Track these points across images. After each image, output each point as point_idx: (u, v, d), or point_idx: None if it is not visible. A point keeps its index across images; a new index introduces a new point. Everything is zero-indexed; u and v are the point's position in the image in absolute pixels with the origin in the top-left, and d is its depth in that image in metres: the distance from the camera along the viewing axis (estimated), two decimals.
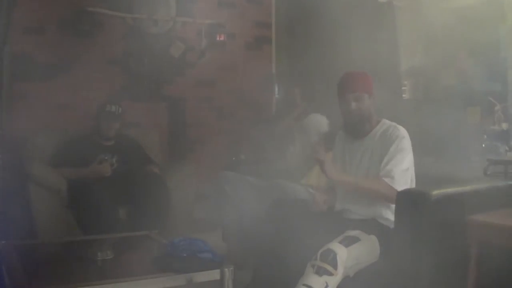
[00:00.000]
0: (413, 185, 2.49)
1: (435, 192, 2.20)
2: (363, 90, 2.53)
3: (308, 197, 2.99)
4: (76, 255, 2.63)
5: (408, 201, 2.24)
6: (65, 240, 3.05)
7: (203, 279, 2.29)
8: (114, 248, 2.52)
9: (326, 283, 2.12)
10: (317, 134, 3.77)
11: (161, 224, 3.35)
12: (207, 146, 4.74)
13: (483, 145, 3.40)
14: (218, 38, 4.77)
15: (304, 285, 2.13)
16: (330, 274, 2.12)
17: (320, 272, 2.12)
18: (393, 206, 2.33)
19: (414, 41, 4.05)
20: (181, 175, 3.91)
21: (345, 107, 2.54)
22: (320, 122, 3.54)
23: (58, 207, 3.43)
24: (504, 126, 3.40)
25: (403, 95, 4.23)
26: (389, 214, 2.45)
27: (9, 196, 3.08)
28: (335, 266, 2.13)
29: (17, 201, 3.22)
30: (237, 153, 4.21)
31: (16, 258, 2.40)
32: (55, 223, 3.38)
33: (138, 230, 3.14)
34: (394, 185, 2.36)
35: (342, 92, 2.56)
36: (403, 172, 2.40)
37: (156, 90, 4.59)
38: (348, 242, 2.23)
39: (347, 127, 2.64)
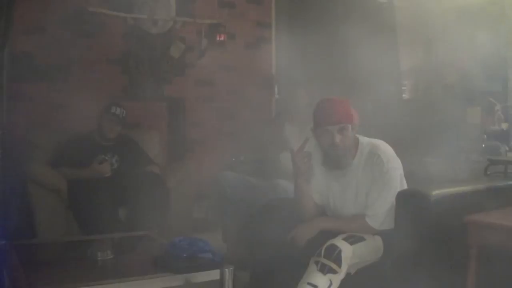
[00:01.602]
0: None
1: (435, 192, 2.20)
2: (347, 121, 2.31)
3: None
4: (76, 255, 2.63)
5: (408, 201, 2.24)
6: (65, 240, 3.06)
7: (203, 279, 2.29)
8: (114, 248, 2.52)
9: (330, 281, 2.13)
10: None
11: (161, 224, 3.35)
12: (207, 146, 4.74)
13: (483, 145, 3.41)
14: (218, 38, 4.76)
15: (308, 283, 2.13)
16: (335, 272, 2.13)
17: (324, 270, 2.13)
18: (392, 211, 2.31)
19: (414, 41, 4.05)
20: (181, 175, 3.91)
21: (327, 140, 2.32)
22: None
23: (58, 207, 3.43)
24: (504, 126, 3.41)
25: (403, 95, 4.24)
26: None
27: (9, 196, 3.08)
28: (339, 264, 2.14)
29: (17, 201, 3.22)
30: (237, 153, 4.20)
31: (16, 258, 2.40)
32: (55, 223, 3.38)
33: (138, 230, 3.14)
34: (378, 227, 2.33)
35: (322, 123, 2.32)
36: (388, 211, 2.31)
37: (156, 90, 4.59)
38: (353, 240, 2.23)
39: (329, 161, 2.39)
